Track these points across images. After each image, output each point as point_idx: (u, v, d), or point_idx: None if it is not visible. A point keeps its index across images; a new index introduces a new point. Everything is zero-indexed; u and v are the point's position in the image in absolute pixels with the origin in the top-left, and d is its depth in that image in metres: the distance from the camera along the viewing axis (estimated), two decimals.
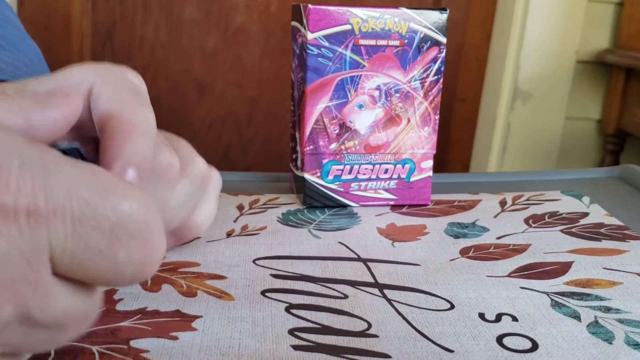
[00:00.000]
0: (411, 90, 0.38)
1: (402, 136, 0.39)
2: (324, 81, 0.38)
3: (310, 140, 0.38)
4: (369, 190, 0.40)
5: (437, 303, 0.29)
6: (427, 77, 0.38)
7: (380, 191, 0.40)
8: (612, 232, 0.37)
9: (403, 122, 0.39)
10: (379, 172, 0.39)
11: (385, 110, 0.38)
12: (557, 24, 1.53)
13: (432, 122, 0.39)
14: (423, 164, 0.40)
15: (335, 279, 0.30)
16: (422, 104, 0.39)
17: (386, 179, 0.40)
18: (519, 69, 1.56)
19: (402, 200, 0.40)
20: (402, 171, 0.40)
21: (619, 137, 1.54)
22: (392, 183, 0.40)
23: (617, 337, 0.26)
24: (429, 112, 0.39)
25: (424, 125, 0.39)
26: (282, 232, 0.36)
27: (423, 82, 0.38)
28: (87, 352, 0.24)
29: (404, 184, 0.40)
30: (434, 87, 0.39)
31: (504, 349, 0.25)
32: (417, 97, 0.38)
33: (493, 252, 0.34)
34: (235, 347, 0.24)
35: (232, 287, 0.29)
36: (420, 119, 0.39)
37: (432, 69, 0.38)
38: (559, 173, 0.48)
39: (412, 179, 0.40)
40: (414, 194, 0.40)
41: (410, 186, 0.40)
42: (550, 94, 1.58)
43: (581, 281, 0.31)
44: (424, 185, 0.40)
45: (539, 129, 1.60)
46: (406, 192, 0.40)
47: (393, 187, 0.40)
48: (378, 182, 0.40)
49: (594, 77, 1.59)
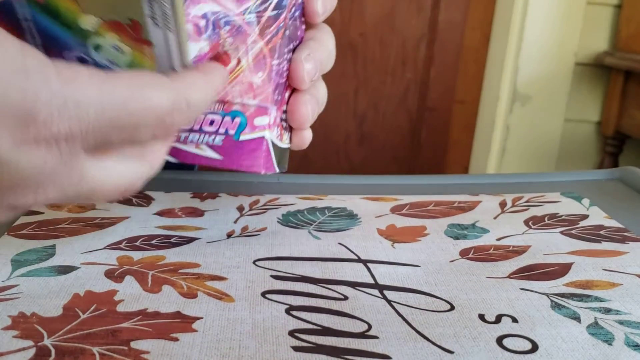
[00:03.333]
0: (244, 25, 0.31)
1: (230, 79, 0.32)
2: None
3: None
4: (189, 144, 0.32)
5: (437, 304, 0.29)
6: (265, 11, 0.31)
7: (202, 146, 0.32)
8: (612, 234, 0.37)
9: (232, 62, 0.31)
10: (203, 122, 0.32)
11: (211, 45, 0.31)
12: (555, 27, 1.53)
13: (267, 67, 0.32)
14: (256, 120, 0.32)
15: (336, 280, 0.31)
16: (257, 43, 0.31)
17: (211, 133, 0.32)
18: (518, 71, 1.56)
19: (228, 162, 0.33)
20: (231, 126, 0.32)
21: (618, 139, 1.54)
22: (217, 139, 0.32)
23: (617, 338, 0.26)
24: (265, 55, 0.31)
25: (258, 70, 0.32)
26: (282, 233, 0.36)
27: (259, 17, 0.31)
28: (88, 353, 0.24)
29: (232, 142, 0.32)
30: (272, 23, 0.31)
31: (504, 350, 0.25)
32: (252, 34, 0.31)
33: (493, 253, 0.34)
34: (235, 349, 0.24)
35: (233, 288, 0.29)
36: (253, 61, 0.31)
37: (271, 1, 0.31)
38: (559, 175, 0.48)
39: (241, 137, 0.32)
40: (242, 157, 0.32)
41: (239, 146, 0.32)
42: (549, 97, 1.59)
43: (581, 282, 0.31)
44: (255, 147, 0.32)
45: (538, 132, 1.61)
46: (234, 152, 0.32)
47: (219, 144, 0.32)
48: (201, 135, 0.32)
49: (592, 79, 1.59)
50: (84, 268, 0.30)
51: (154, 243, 0.34)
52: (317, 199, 0.42)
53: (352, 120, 1.72)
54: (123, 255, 0.32)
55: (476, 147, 1.76)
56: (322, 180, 0.46)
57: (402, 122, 1.75)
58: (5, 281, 0.29)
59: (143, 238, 0.34)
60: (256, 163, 0.33)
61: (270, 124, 0.32)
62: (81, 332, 0.25)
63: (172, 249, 0.33)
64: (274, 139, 0.33)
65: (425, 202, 0.42)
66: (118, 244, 0.33)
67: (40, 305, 0.27)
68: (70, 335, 0.25)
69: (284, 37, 0.32)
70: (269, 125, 0.32)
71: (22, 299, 0.27)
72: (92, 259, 0.31)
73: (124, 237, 0.34)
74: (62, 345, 0.24)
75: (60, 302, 0.27)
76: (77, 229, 0.35)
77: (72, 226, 0.35)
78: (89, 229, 0.35)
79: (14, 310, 0.26)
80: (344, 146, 1.74)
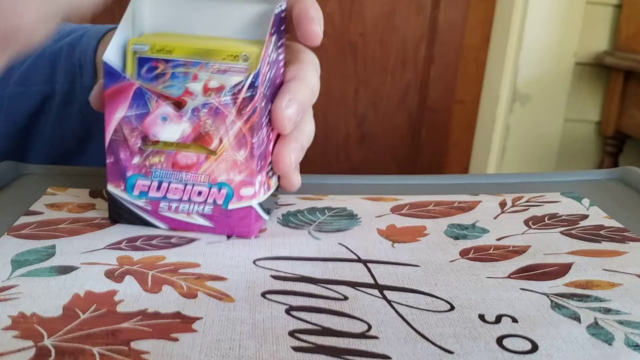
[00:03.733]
0: (220, 107, 0.33)
1: (215, 158, 0.33)
2: (120, 88, 0.33)
3: (110, 151, 0.34)
4: (181, 213, 0.35)
5: (437, 304, 0.29)
6: (240, 93, 0.32)
7: (193, 215, 0.34)
8: (612, 233, 0.37)
9: (215, 142, 0.33)
10: (191, 193, 0.34)
11: (192, 126, 0.33)
12: (555, 26, 1.53)
13: (248, 145, 0.33)
14: (242, 191, 0.34)
15: (336, 280, 0.31)
16: (236, 123, 0.33)
17: (200, 203, 0.34)
18: (518, 71, 1.56)
19: (220, 229, 0.35)
20: (219, 196, 0.34)
21: (618, 139, 1.55)
22: (207, 208, 0.34)
23: (617, 338, 0.26)
24: (244, 133, 0.33)
25: (239, 148, 0.33)
26: (282, 233, 0.36)
27: (235, 98, 0.32)
28: (88, 353, 0.24)
29: (221, 210, 0.34)
30: (248, 104, 0.32)
31: (504, 350, 0.25)
32: (229, 115, 0.33)
33: (493, 253, 0.34)
34: (235, 349, 0.24)
35: (233, 288, 0.29)
36: (234, 140, 0.33)
37: (244, 83, 0.32)
38: (559, 175, 0.48)
39: (230, 207, 0.34)
40: (233, 224, 0.34)
41: (229, 214, 0.34)
42: (549, 96, 1.59)
43: (581, 282, 0.31)
44: (244, 215, 0.34)
45: (538, 131, 1.61)
46: (224, 220, 0.34)
47: (209, 213, 0.34)
48: (191, 205, 0.34)
49: (592, 79, 1.59)
50: (84, 268, 0.30)
51: (154, 243, 0.34)
52: (317, 199, 0.42)
53: (352, 120, 1.72)
54: (123, 255, 0.32)
55: (476, 147, 1.76)
56: (322, 180, 0.46)
57: (402, 122, 1.75)
58: (5, 281, 0.29)
59: (143, 238, 0.34)
60: (247, 229, 0.35)
61: (256, 193, 0.34)
62: (81, 332, 0.25)
63: (172, 249, 0.33)
64: (261, 199, 0.35)
65: (425, 202, 0.42)
66: (118, 244, 0.33)
67: (40, 305, 0.27)
68: (70, 336, 0.25)
69: (260, 115, 0.33)
70: (255, 194, 0.34)
71: (22, 299, 0.27)
72: (92, 259, 0.31)
73: (124, 237, 0.34)
74: (62, 345, 0.24)
75: (60, 302, 0.27)
76: (77, 229, 0.35)
77: (72, 226, 0.35)
78: (89, 229, 0.35)
79: (14, 310, 0.26)
80: (344, 146, 1.74)
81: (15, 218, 0.36)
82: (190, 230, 0.35)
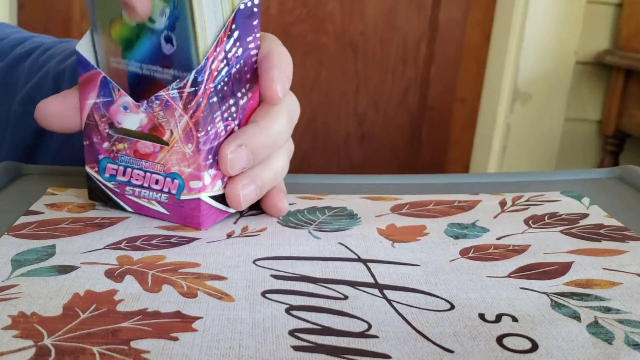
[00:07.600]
0: (170, 100, 0.33)
1: (167, 149, 0.34)
2: (90, 76, 0.35)
3: (85, 135, 0.36)
4: (142, 198, 0.36)
5: (437, 303, 0.29)
6: (185, 87, 0.33)
7: (153, 202, 0.36)
8: (612, 232, 0.37)
9: (167, 134, 0.34)
10: (150, 181, 0.36)
11: (148, 117, 0.34)
12: (556, 25, 1.53)
13: (194, 139, 0.34)
14: (191, 184, 0.35)
15: (336, 279, 0.31)
16: (183, 117, 0.33)
17: (157, 191, 0.36)
18: (519, 70, 1.56)
19: (175, 217, 0.36)
20: (172, 186, 0.35)
21: (619, 138, 1.54)
22: (163, 196, 0.36)
23: (617, 337, 0.26)
24: (191, 128, 0.33)
25: (187, 142, 0.34)
26: (282, 233, 0.36)
27: (181, 93, 0.33)
28: (88, 353, 0.24)
29: (175, 200, 0.36)
30: (192, 99, 0.33)
31: (504, 350, 0.25)
32: (177, 109, 0.33)
33: (493, 252, 0.34)
34: (235, 348, 0.24)
35: (233, 288, 0.29)
36: (182, 134, 0.34)
37: (187, 79, 0.33)
38: (559, 174, 0.48)
39: (182, 197, 0.35)
40: (185, 214, 0.36)
41: (181, 204, 0.35)
42: (549, 95, 1.59)
43: (581, 281, 0.31)
44: (194, 207, 0.35)
45: (538, 130, 1.61)
46: (177, 210, 0.36)
47: (165, 201, 0.36)
48: (150, 192, 0.36)
49: (593, 78, 1.59)
50: (84, 268, 0.30)
51: (154, 243, 0.34)
52: (317, 198, 0.42)
53: (352, 119, 1.72)
54: (123, 255, 0.32)
55: (477, 146, 1.76)
56: (322, 179, 0.46)
57: (402, 120, 1.75)
58: (5, 281, 0.29)
59: (143, 238, 0.34)
60: (197, 221, 0.36)
61: (204, 186, 0.35)
62: (81, 331, 0.25)
63: (172, 249, 0.33)
64: (214, 193, 0.36)
65: (425, 201, 0.42)
66: (118, 244, 0.33)
67: (40, 305, 0.27)
68: (70, 335, 0.25)
69: (206, 110, 0.34)
70: (203, 187, 0.35)
71: (22, 298, 0.27)
72: (92, 259, 0.31)
73: (124, 237, 0.34)
74: (62, 344, 0.24)
75: (60, 301, 0.27)
76: (77, 229, 0.35)
77: (72, 226, 0.35)
78: (89, 229, 0.35)
79: (14, 310, 0.26)
80: (344, 145, 1.74)
81: (15, 218, 0.36)
82: (151, 215, 0.37)
